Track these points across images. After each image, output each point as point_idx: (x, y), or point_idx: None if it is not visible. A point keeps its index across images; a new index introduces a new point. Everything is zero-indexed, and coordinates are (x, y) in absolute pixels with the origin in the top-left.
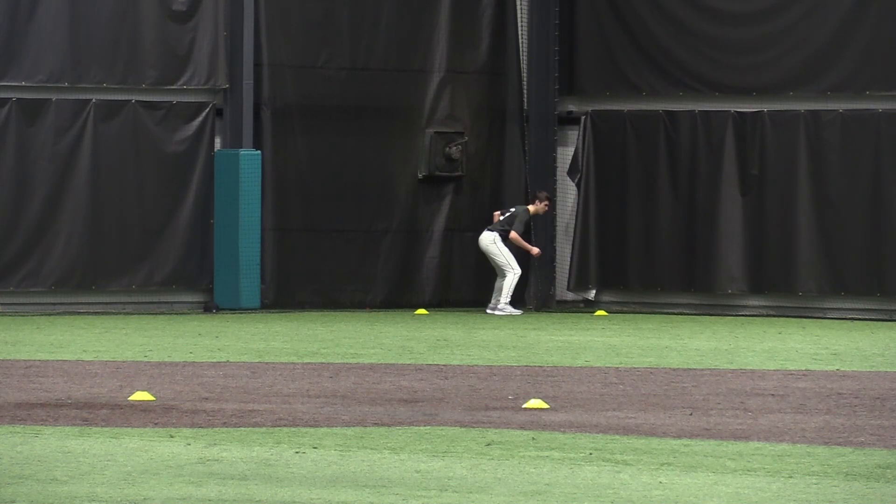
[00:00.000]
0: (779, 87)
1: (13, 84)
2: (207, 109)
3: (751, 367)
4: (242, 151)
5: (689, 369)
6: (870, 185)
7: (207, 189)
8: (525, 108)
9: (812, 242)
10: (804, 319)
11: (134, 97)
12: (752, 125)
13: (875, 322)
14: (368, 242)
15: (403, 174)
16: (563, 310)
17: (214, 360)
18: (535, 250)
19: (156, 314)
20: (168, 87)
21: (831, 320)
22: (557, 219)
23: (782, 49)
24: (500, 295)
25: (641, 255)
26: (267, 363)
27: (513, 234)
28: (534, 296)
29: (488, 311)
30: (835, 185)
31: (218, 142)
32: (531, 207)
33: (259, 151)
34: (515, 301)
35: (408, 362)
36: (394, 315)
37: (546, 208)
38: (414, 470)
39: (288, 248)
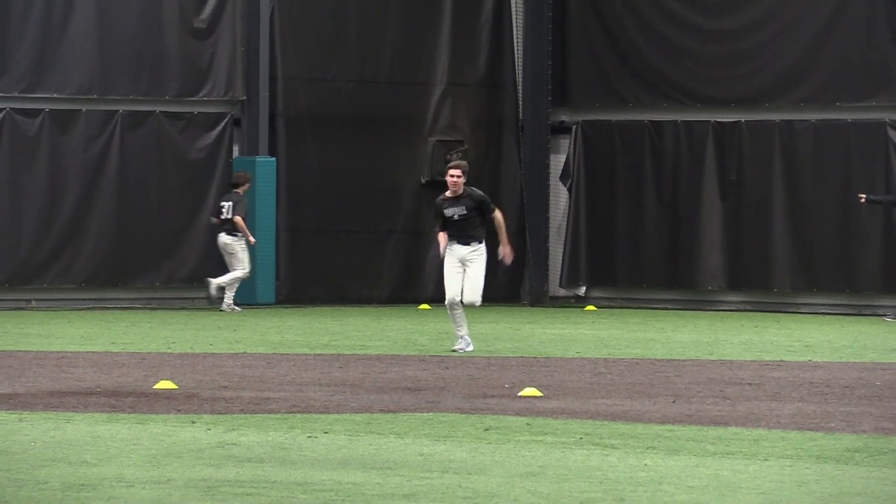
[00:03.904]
0: (755, 98)
1: (46, 96)
2: (226, 119)
3: (729, 358)
4: (258, 158)
5: (672, 360)
6: (840, 189)
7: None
8: (520, 118)
9: (786, 242)
10: (779, 314)
11: (158, 108)
12: (731, 134)
13: (844, 316)
14: (375, 243)
15: (408, 179)
16: (555, 305)
17: (233, 352)
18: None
19: (178, 309)
20: (189, 99)
21: (804, 315)
22: (550, 220)
23: (759, 63)
24: None
25: (628, 254)
26: (281, 354)
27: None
28: (528, 292)
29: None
30: (807, 189)
31: (236, 149)
32: None
33: (274, 158)
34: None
35: (412, 353)
36: (398, 310)
37: (449, 180)
38: (417, 453)
39: (301, 247)
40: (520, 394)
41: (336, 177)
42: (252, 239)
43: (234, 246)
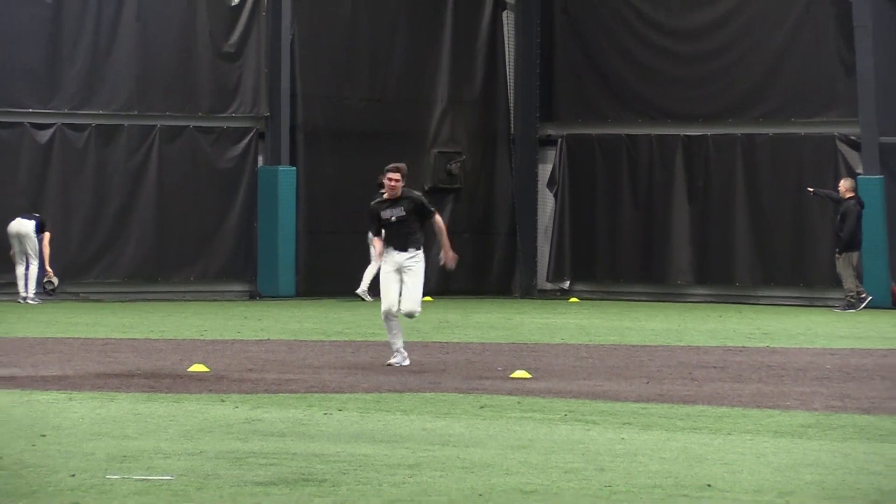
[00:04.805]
0: (720, 115)
1: (92, 112)
2: (252, 133)
3: (696, 344)
4: (280, 168)
5: (646, 346)
6: (794, 195)
7: (252, 199)
8: (511, 132)
9: (747, 242)
10: (740, 305)
11: (191, 123)
12: (698, 146)
13: (798, 307)
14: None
15: (412, 186)
16: (542, 297)
17: (258, 339)
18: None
19: (209, 301)
20: (219, 115)
21: (763, 306)
22: (538, 222)
23: (723, 84)
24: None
25: (607, 252)
26: (301, 341)
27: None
28: (518, 285)
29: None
30: (765, 195)
31: (260, 160)
32: None
33: (294, 168)
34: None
35: (416, 340)
36: None
37: (387, 184)
38: (421, 428)
39: (318, 247)
40: (511, 376)
41: (349, 184)
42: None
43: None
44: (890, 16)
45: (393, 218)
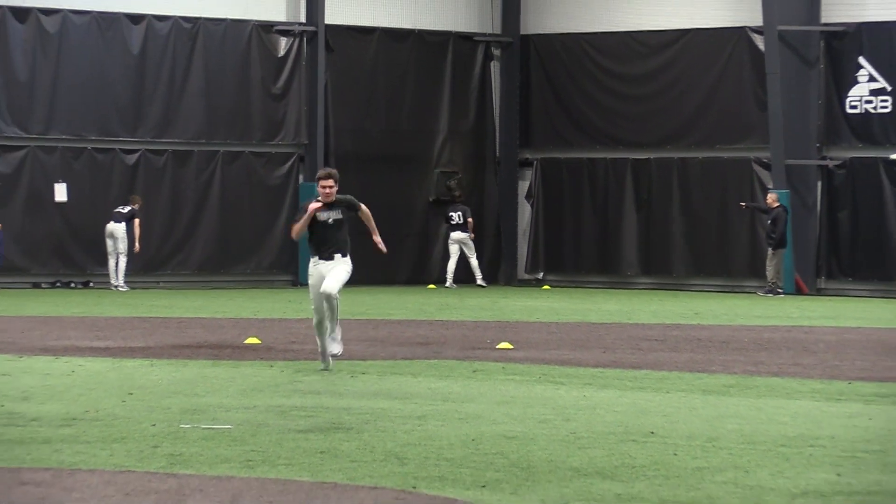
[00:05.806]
0: (660, 142)
1: (169, 140)
2: (294, 157)
3: (642, 322)
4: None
5: (602, 323)
6: (719, 205)
7: (294, 208)
8: (497, 155)
9: (681, 241)
10: (676, 291)
11: (247, 149)
12: (644, 167)
13: (723, 293)
14: (397, 241)
15: (420, 198)
16: (522, 285)
17: (299, 318)
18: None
19: (261, 287)
20: (269, 143)
21: (694, 292)
22: (518, 227)
23: (663, 118)
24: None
25: (572, 249)
26: None
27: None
28: (503, 276)
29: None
30: (697, 205)
31: (301, 178)
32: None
33: None
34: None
35: (423, 319)
36: (413, 289)
37: (322, 192)
38: (427, 387)
39: None
40: (497, 346)
41: (370, 197)
42: (472, 235)
43: (467, 239)
44: (794, 65)
45: (330, 220)
